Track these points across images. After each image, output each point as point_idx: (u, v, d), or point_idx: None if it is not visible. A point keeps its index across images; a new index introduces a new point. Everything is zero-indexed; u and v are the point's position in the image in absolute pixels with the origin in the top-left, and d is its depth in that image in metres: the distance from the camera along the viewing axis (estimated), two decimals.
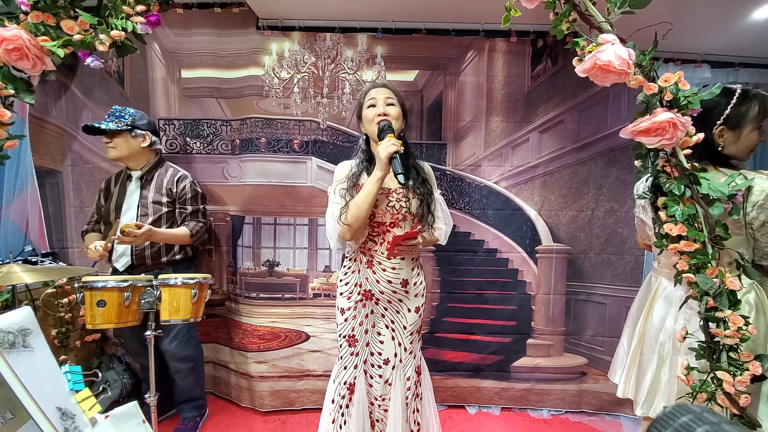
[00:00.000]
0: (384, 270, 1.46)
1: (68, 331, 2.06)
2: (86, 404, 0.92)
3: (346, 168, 1.50)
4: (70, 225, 2.34)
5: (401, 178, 1.28)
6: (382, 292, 1.48)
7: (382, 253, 1.46)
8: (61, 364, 0.93)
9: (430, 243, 1.56)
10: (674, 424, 0.54)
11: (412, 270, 1.52)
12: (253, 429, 2.12)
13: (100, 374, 2.11)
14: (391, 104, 1.43)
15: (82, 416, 0.90)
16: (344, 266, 1.55)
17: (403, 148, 1.33)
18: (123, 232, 1.66)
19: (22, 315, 0.88)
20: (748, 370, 1.19)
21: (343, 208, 1.39)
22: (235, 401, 2.31)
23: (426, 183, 1.51)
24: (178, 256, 1.97)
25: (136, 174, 1.92)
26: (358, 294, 1.50)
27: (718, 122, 1.32)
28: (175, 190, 1.93)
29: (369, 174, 1.44)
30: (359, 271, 1.50)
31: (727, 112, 1.32)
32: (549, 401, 2.32)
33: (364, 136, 1.51)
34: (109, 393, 2.10)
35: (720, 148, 1.35)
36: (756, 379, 1.20)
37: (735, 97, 1.31)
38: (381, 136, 1.36)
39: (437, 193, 1.56)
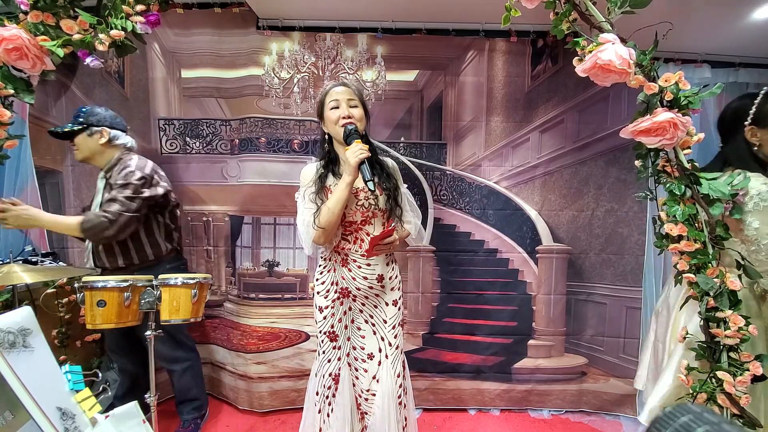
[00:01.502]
0: (359, 267, 1.48)
1: (68, 331, 2.06)
2: (86, 404, 0.92)
3: (311, 171, 1.50)
4: None
5: (371, 185, 1.30)
6: (358, 289, 1.50)
7: (356, 251, 1.48)
8: (61, 364, 0.93)
9: (403, 238, 1.56)
10: (674, 424, 0.54)
11: (387, 265, 1.54)
12: (253, 429, 2.12)
13: (100, 374, 2.10)
14: (354, 106, 1.44)
15: (82, 416, 0.90)
16: (319, 266, 1.57)
17: (370, 153, 1.35)
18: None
19: (22, 315, 0.88)
20: (748, 370, 1.19)
21: (315, 213, 1.40)
22: (233, 403, 2.30)
23: (390, 177, 1.52)
24: (135, 260, 1.82)
25: (101, 173, 1.87)
26: (335, 292, 1.52)
27: (747, 122, 1.35)
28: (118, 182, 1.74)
29: (334, 175, 1.47)
30: (335, 270, 1.51)
31: (752, 111, 1.34)
32: (549, 401, 2.32)
33: (327, 136, 1.51)
34: (109, 393, 2.09)
35: (756, 149, 1.36)
36: (756, 379, 1.20)
37: (760, 96, 1.34)
38: (348, 140, 1.37)
39: (404, 188, 1.57)
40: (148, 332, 1.57)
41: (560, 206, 2.27)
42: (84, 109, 1.81)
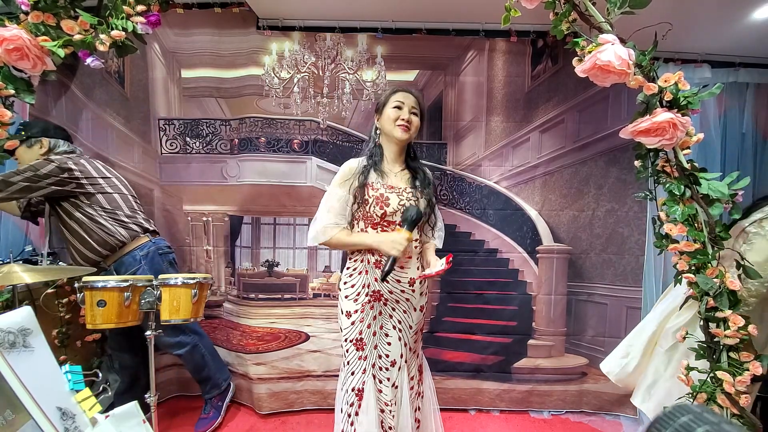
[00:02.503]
0: (393, 270, 1.45)
1: (68, 331, 2.06)
2: (86, 404, 0.92)
3: (355, 165, 1.48)
4: None
5: (383, 276, 1.33)
6: (391, 292, 1.47)
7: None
8: (61, 364, 0.93)
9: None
10: (674, 424, 0.54)
11: (418, 269, 1.52)
12: (253, 429, 2.12)
13: (100, 374, 2.10)
14: (415, 113, 1.46)
15: (83, 416, 0.90)
16: (348, 268, 1.51)
17: (401, 255, 1.36)
18: None
19: (22, 315, 0.88)
20: (748, 370, 1.19)
21: (340, 224, 1.43)
22: (235, 399, 2.30)
23: (431, 185, 1.53)
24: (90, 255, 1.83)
25: None
26: (366, 296, 1.46)
27: None
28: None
29: (376, 172, 1.46)
30: (367, 272, 1.46)
31: None
32: (550, 402, 2.32)
33: (378, 131, 1.51)
34: (109, 393, 2.09)
35: None
36: (756, 379, 1.20)
37: None
38: (402, 223, 1.39)
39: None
40: (148, 332, 1.57)
41: (561, 206, 2.27)
42: (23, 122, 1.87)
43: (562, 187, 2.26)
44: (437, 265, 1.37)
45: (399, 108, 1.44)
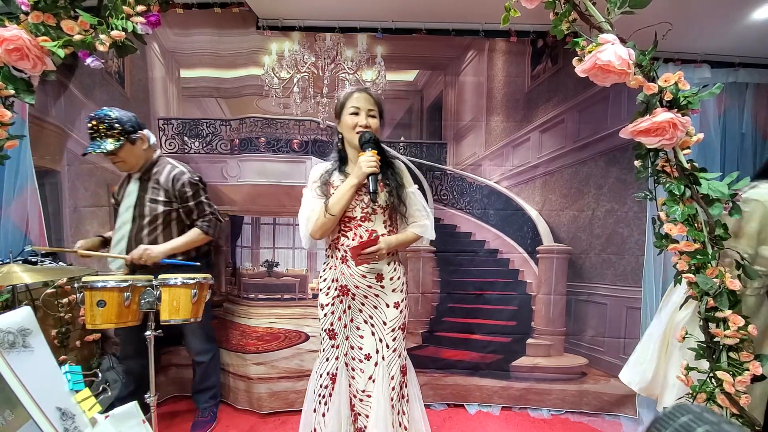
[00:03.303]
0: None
1: (68, 331, 2.06)
2: (86, 404, 0.92)
3: (320, 169, 1.56)
4: (68, 225, 2.33)
5: (374, 196, 1.39)
6: (357, 287, 1.50)
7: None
8: (61, 364, 0.93)
9: (411, 242, 1.56)
10: (674, 424, 0.54)
11: (388, 264, 1.52)
12: (253, 429, 2.12)
13: (100, 374, 2.10)
14: (373, 116, 1.49)
15: (82, 416, 0.90)
16: (324, 263, 1.61)
17: (379, 169, 1.40)
18: (135, 262, 1.74)
19: (22, 315, 0.88)
20: (748, 370, 1.19)
21: (325, 202, 1.45)
22: (232, 404, 2.30)
23: (395, 175, 1.53)
24: (179, 257, 1.90)
25: (135, 174, 1.89)
26: (335, 290, 1.54)
27: None
28: (172, 190, 1.85)
29: (341, 173, 1.51)
30: (335, 266, 1.53)
31: None
32: (549, 401, 2.32)
33: (340, 135, 1.55)
34: (109, 393, 2.09)
35: None
36: (756, 379, 1.20)
37: None
38: (363, 147, 1.42)
39: (413, 188, 1.57)
40: (148, 332, 1.57)
41: (561, 206, 2.27)
42: (113, 117, 1.72)
43: (563, 187, 2.26)
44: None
45: (356, 114, 1.47)
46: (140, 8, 1.43)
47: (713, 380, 1.24)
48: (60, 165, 2.30)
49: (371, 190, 1.37)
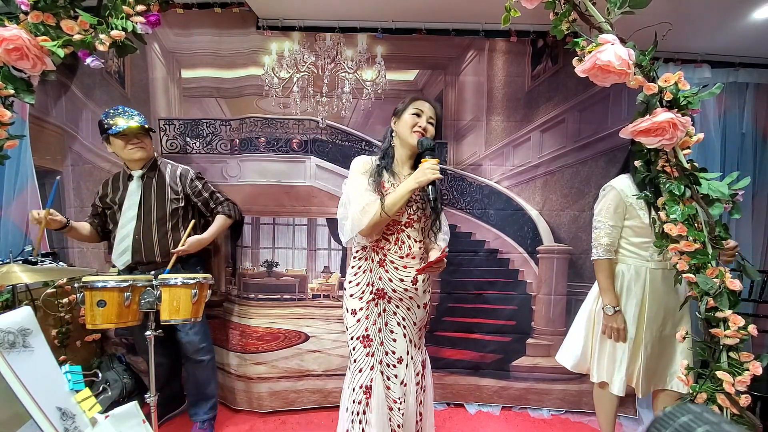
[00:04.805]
0: (396, 269, 1.48)
1: (68, 331, 2.06)
2: (86, 404, 0.92)
3: (367, 161, 1.51)
4: None
5: (433, 203, 1.40)
6: (394, 291, 1.49)
7: (395, 252, 1.48)
8: (61, 364, 0.93)
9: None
10: (674, 424, 0.54)
11: None
12: (253, 429, 2.12)
13: (100, 374, 2.11)
14: (432, 123, 1.51)
15: (82, 416, 0.90)
16: (353, 267, 1.53)
17: (441, 176, 1.40)
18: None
19: (22, 315, 0.88)
20: (748, 370, 1.19)
21: (382, 200, 1.39)
22: (232, 404, 2.29)
23: (437, 189, 1.53)
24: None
25: (137, 173, 1.90)
26: (370, 293, 1.49)
27: None
28: (180, 187, 1.93)
29: (388, 171, 1.49)
30: (371, 270, 1.49)
31: None
32: (549, 401, 2.32)
33: (392, 133, 1.56)
34: (109, 393, 2.09)
35: None
36: (756, 379, 1.20)
37: None
38: (423, 153, 1.43)
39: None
40: (148, 332, 1.57)
41: (561, 206, 2.27)
42: (132, 109, 1.89)
43: (563, 187, 2.26)
44: (433, 256, 1.50)
45: (418, 115, 1.48)
46: (140, 8, 1.43)
47: (713, 380, 1.24)
48: (62, 165, 2.30)
49: (431, 197, 1.37)
